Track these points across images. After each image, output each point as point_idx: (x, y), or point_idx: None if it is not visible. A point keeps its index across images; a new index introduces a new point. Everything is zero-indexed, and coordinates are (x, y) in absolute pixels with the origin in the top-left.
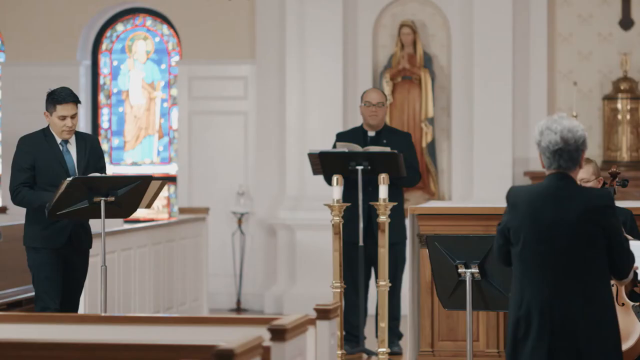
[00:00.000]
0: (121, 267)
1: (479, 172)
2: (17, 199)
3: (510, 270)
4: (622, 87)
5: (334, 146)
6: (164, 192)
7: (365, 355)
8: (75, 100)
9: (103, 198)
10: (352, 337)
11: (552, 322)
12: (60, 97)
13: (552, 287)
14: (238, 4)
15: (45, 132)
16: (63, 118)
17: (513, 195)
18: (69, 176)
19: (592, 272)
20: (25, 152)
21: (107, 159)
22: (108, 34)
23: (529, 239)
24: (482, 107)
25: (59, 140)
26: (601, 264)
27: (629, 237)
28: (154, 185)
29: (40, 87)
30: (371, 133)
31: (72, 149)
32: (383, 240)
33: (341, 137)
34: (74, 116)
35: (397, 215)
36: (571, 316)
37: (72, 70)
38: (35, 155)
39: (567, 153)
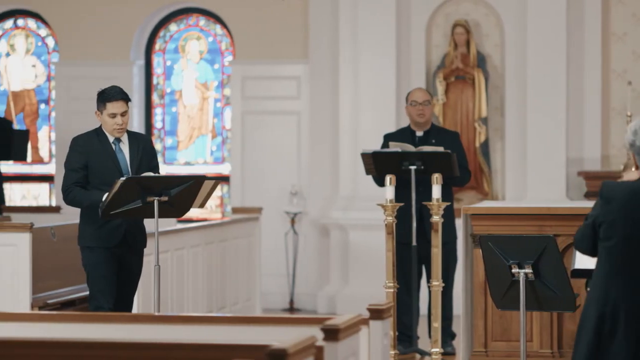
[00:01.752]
0: (174, 266)
1: (533, 172)
2: (68, 198)
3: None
4: None
5: (383, 147)
6: (217, 192)
7: (418, 355)
8: (125, 98)
9: (156, 198)
10: (405, 337)
11: None
12: (109, 95)
13: None
14: (291, 4)
15: (98, 132)
16: (113, 116)
17: (608, 189)
18: (122, 175)
19: None
20: (78, 152)
21: (160, 159)
22: (161, 34)
23: (623, 235)
24: (536, 107)
25: (111, 140)
26: None
27: None
28: (207, 185)
29: (93, 87)
30: (419, 133)
31: (125, 148)
32: (436, 240)
33: (389, 138)
34: (124, 114)
35: (448, 214)
36: None
37: (126, 70)
38: (88, 155)
39: None
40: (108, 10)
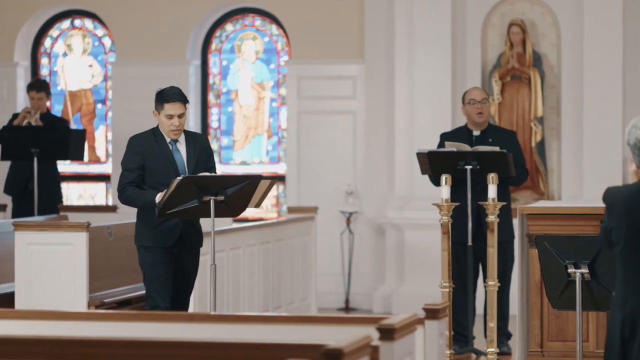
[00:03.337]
0: (230, 266)
1: (589, 171)
2: (122, 197)
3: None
4: None
5: (439, 146)
6: (273, 192)
7: (474, 355)
8: (183, 100)
9: (212, 197)
10: (460, 337)
11: None
12: (168, 95)
13: None
14: (347, 3)
15: (155, 132)
16: (170, 117)
17: (609, 195)
18: (179, 175)
19: None
20: (135, 152)
21: (216, 159)
22: (217, 33)
23: (628, 238)
24: (592, 106)
25: (168, 140)
26: None
27: None
28: (263, 184)
29: (149, 87)
30: (476, 132)
31: (182, 148)
32: (492, 240)
33: (445, 137)
34: (181, 115)
35: (505, 214)
36: None
37: (182, 70)
38: (145, 154)
39: None
40: (164, 10)
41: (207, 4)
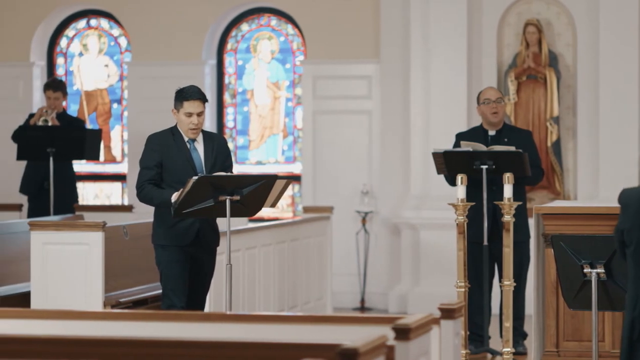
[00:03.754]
0: (246, 265)
1: (605, 171)
2: (141, 195)
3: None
4: None
5: (455, 146)
6: (289, 191)
7: (489, 355)
8: (202, 99)
9: (228, 197)
10: (476, 336)
11: None
12: (187, 94)
13: None
14: (363, 3)
15: (173, 131)
16: (189, 115)
17: (624, 197)
18: (196, 174)
19: None
20: (153, 150)
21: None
22: (233, 33)
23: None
24: (608, 106)
25: (186, 139)
26: None
27: None
28: (279, 184)
29: (165, 87)
30: (492, 132)
31: (200, 147)
32: (508, 240)
33: (461, 137)
34: (200, 114)
35: (521, 214)
36: None
37: (198, 69)
38: (163, 153)
39: None
40: (180, 10)
41: (222, 4)
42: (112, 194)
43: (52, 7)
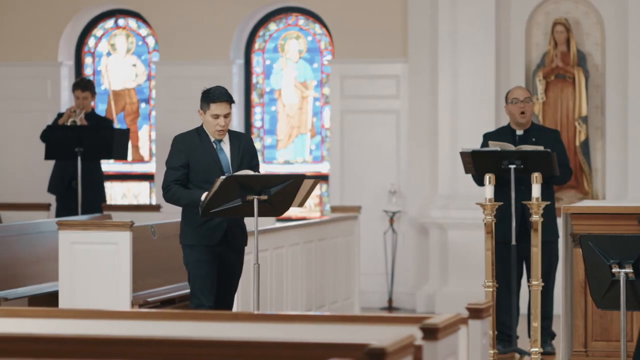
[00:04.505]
0: (273, 265)
1: (634, 171)
2: (167, 196)
3: None
4: None
5: (483, 146)
6: (316, 191)
7: (517, 355)
8: (229, 100)
9: (256, 196)
10: (504, 336)
11: None
12: (214, 95)
13: None
14: (390, 2)
15: (199, 131)
16: (216, 117)
17: None
18: (223, 174)
19: None
20: (179, 151)
21: (259, 158)
22: (261, 33)
23: None
24: (637, 105)
25: (212, 139)
26: None
27: None
28: (307, 184)
29: (193, 86)
30: (519, 132)
31: (226, 147)
32: (536, 240)
33: (489, 137)
34: (227, 115)
35: (549, 213)
36: None
37: (225, 69)
38: (190, 153)
39: None
40: (208, 9)
41: (250, 4)
42: (139, 193)
43: (80, 6)
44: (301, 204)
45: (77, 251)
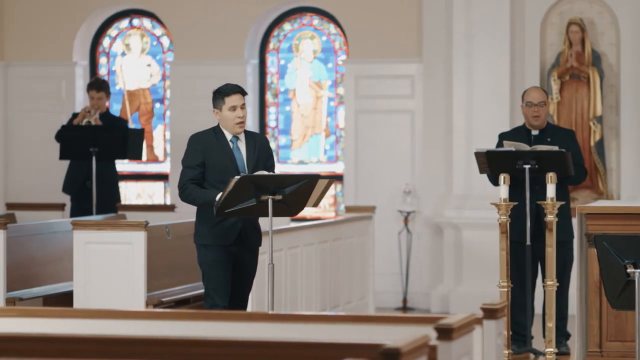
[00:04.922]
0: (288, 265)
1: None
2: (183, 194)
3: None
4: None
5: (498, 146)
6: (331, 191)
7: (532, 355)
8: (242, 92)
9: (270, 196)
10: (519, 336)
11: None
12: (227, 89)
13: None
14: (405, 2)
15: (216, 130)
16: (234, 109)
17: None
18: (239, 174)
19: None
20: (195, 150)
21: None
22: (275, 33)
23: None
24: None
25: (229, 138)
26: None
27: None
28: (321, 184)
29: (208, 86)
30: (535, 132)
31: (242, 146)
32: (551, 240)
33: (504, 137)
34: (243, 106)
35: (564, 213)
36: None
37: (240, 69)
38: (206, 152)
39: None
40: (222, 9)
41: (265, 3)
42: (154, 193)
43: (94, 6)
44: (316, 204)
45: (91, 251)
